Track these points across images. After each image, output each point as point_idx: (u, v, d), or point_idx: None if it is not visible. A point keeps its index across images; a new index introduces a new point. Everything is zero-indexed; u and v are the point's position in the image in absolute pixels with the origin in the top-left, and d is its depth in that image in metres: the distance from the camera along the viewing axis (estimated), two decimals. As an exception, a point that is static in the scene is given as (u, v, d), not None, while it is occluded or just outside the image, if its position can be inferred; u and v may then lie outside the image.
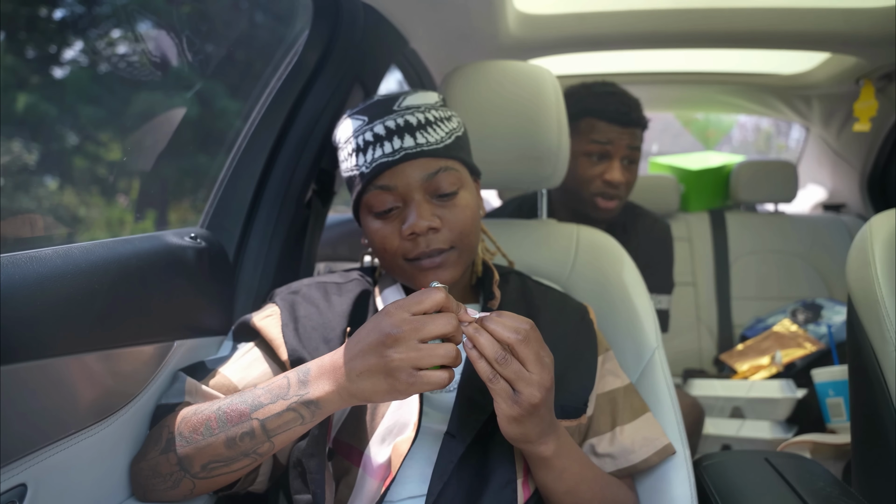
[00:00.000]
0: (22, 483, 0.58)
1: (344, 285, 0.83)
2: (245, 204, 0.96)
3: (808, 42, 1.41)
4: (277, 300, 0.80)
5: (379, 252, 0.77)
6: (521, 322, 0.60)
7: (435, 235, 0.74)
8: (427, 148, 0.75)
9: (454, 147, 0.78)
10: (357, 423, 0.71)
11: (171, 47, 0.79)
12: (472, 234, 0.77)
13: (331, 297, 0.80)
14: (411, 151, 0.74)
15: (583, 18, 1.27)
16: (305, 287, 0.82)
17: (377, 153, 0.75)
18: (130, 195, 0.99)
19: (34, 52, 0.75)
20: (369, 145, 0.76)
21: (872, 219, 0.88)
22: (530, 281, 0.88)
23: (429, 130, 0.76)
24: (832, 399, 1.36)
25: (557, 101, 0.98)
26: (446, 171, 0.75)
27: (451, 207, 0.75)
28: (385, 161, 0.74)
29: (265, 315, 0.78)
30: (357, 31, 1.00)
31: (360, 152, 0.76)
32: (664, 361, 0.89)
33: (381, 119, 0.76)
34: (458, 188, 0.76)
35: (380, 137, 0.75)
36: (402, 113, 0.76)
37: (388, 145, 0.75)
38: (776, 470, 0.81)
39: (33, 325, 0.59)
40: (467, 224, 0.76)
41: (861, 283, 0.84)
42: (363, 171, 0.76)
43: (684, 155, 2.51)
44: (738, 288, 2.09)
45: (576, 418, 0.74)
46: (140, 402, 0.73)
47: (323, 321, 0.76)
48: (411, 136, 0.75)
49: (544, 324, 0.79)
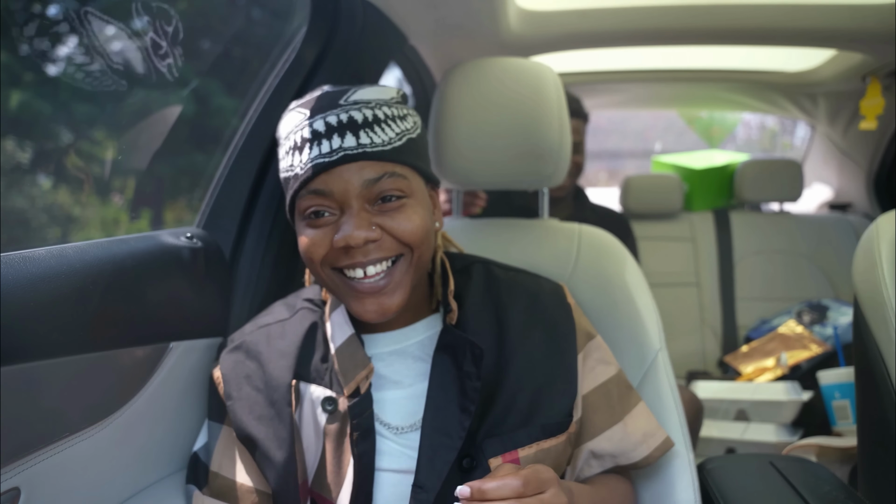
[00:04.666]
0: (15, 487, 0.58)
1: (288, 322, 0.75)
2: (242, 203, 0.95)
3: (814, 39, 1.40)
4: (221, 363, 0.74)
5: (307, 262, 0.68)
6: (511, 480, 0.54)
7: (374, 245, 0.65)
8: (370, 150, 0.65)
9: (404, 150, 0.68)
10: (326, 473, 0.68)
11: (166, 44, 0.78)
12: (421, 247, 0.67)
13: (273, 342, 0.73)
14: (351, 153, 0.64)
15: (585, 15, 1.26)
16: (248, 336, 0.75)
17: (314, 152, 0.65)
18: (125, 194, 0.98)
19: (28, 49, 0.74)
20: (307, 143, 0.66)
21: (879, 218, 0.86)
22: (496, 269, 0.79)
23: (375, 130, 0.66)
24: (838, 401, 1.35)
25: (559, 99, 0.97)
26: (392, 178, 0.66)
27: (395, 216, 0.66)
28: (321, 162, 0.64)
29: (215, 382, 0.75)
30: (356, 27, 0.99)
31: (297, 151, 0.67)
32: (667, 363, 0.87)
33: (324, 114, 0.66)
34: (406, 194, 0.67)
35: (318, 135, 0.65)
36: (348, 108, 0.66)
37: (325, 144, 0.65)
38: (781, 474, 0.80)
39: (27, 327, 0.58)
40: (415, 236, 0.66)
41: (867, 284, 0.82)
42: (297, 171, 0.67)
43: (688, 153, 2.50)
44: (743, 288, 2.08)
45: (561, 433, 0.69)
46: (135, 406, 0.72)
47: (266, 379, 0.70)
48: (354, 134, 0.65)
49: (516, 327, 0.72)
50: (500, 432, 0.66)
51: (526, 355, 0.71)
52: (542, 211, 1.13)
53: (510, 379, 0.69)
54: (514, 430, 0.67)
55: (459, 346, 0.68)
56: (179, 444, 0.81)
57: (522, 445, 0.66)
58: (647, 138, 4.79)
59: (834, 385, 1.37)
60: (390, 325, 0.74)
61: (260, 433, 0.68)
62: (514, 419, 0.67)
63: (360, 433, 0.66)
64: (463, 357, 0.67)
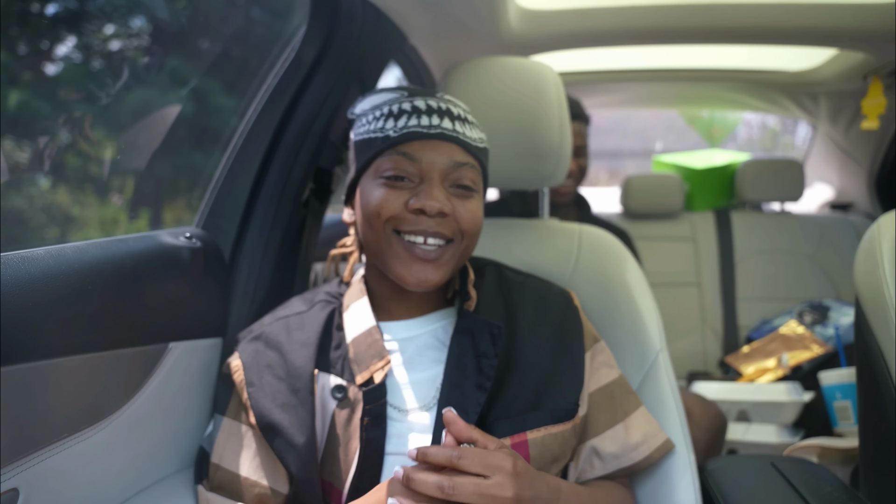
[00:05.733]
0: (14, 488, 0.58)
1: (306, 314, 0.77)
2: (241, 203, 0.95)
3: (815, 38, 1.40)
4: (240, 351, 0.75)
5: (370, 218, 0.71)
6: (450, 450, 0.58)
7: (442, 221, 0.70)
8: (463, 139, 0.72)
9: (483, 153, 0.76)
10: (333, 460, 0.69)
11: (166, 43, 0.78)
12: (473, 239, 0.74)
13: (293, 333, 0.75)
14: (448, 133, 0.71)
15: (585, 14, 1.25)
16: (267, 328, 0.77)
17: (412, 122, 0.71)
18: (124, 194, 0.98)
19: (26, 48, 0.74)
20: (404, 114, 0.72)
21: (881, 218, 0.86)
22: (507, 272, 0.84)
23: (467, 126, 0.74)
24: (840, 402, 1.35)
25: (559, 99, 0.97)
26: (472, 169, 0.73)
27: (465, 203, 0.72)
28: (418, 131, 0.70)
29: (232, 370, 0.75)
30: (355, 26, 0.99)
31: (392, 118, 0.72)
32: (668, 364, 0.87)
33: (424, 97, 0.73)
34: (476, 189, 0.74)
35: (418, 110, 0.72)
36: (445, 100, 0.74)
37: (425, 119, 0.71)
38: (782, 475, 0.80)
39: (25, 327, 0.58)
40: (474, 226, 0.72)
41: (869, 284, 0.82)
42: (389, 134, 0.71)
43: (689, 153, 2.50)
44: (744, 289, 2.07)
45: (569, 420, 0.71)
46: (134, 406, 0.72)
47: (288, 368, 0.72)
48: (451, 121, 0.72)
49: (526, 321, 0.76)
50: (510, 414, 0.69)
51: (534, 347, 0.74)
52: (542, 211, 1.12)
53: (519, 366, 0.72)
54: (523, 412, 0.69)
55: (478, 329, 0.72)
56: (178, 444, 0.80)
57: (531, 428, 0.68)
58: (648, 138, 4.79)
59: (835, 386, 1.36)
60: (407, 313, 0.77)
61: (284, 420, 0.69)
62: (523, 403, 0.70)
63: (372, 419, 0.67)
64: (481, 338, 0.71)
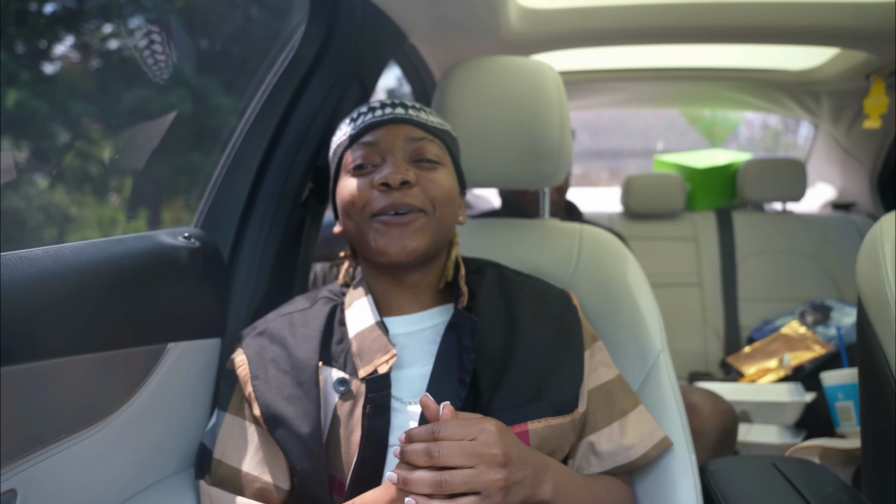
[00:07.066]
0: (12, 489, 0.58)
1: (309, 311, 0.79)
2: (240, 203, 0.95)
3: (817, 37, 1.39)
4: (244, 347, 0.76)
5: (347, 210, 0.75)
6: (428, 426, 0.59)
7: (408, 191, 0.72)
8: (417, 119, 0.77)
9: (445, 134, 0.80)
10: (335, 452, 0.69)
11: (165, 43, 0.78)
12: (446, 208, 0.75)
13: (297, 329, 0.76)
14: (402, 116, 0.76)
15: (586, 13, 1.25)
16: (271, 324, 0.78)
17: (368, 117, 0.77)
18: (123, 194, 0.98)
19: (24, 47, 0.74)
20: (361, 115, 0.78)
21: (883, 218, 0.85)
22: (507, 271, 0.85)
23: (423, 113, 0.79)
24: (842, 403, 1.34)
25: (560, 98, 0.97)
26: (432, 143, 0.76)
27: (431, 174, 0.75)
28: (374, 121, 0.76)
29: (236, 365, 0.75)
30: (355, 26, 0.99)
31: (352, 122, 0.79)
32: (669, 364, 0.87)
33: (381, 99, 0.79)
34: (440, 162, 0.76)
35: (373, 108, 0.78)
36: (400, 99, 0.79)
37: (379, 111, 0.77)
38: (784, 476, 0.80)
39: (23, 328, 0.58)
40: (442, 193, 0.74)
41: (871, 285, 0.82)
42: (349, 132, 0.77)
43: (690, 153, 2.49)
44: (746, 289, 2.07)
45: (568, 413, 0.72)
46: (133, 407, 0.72)
47: (292, 362, 0.73)
48: (404, 109, 0.78)
49: (526, 318, 0.77)
50: (511, 405, 0.70)
51: (535, 341, 0.75)
52: (542, 210, 1.12)
53: (519, 359, 0.73)
54: (525, 403, 0.70)
55: (462, 324, 0.73)
56: (177, 445, 0.80)
57: (532, 419, 0.69)
58: (649, 137, 4.78)
59: (837, 386, 1.36)
60: (408, 308, 0.79)
61: (289, 412, 0.69)
62: (524, 394, 0.71)
63: (375, 408, 0.68)
64: (464, 333, 0.72)
